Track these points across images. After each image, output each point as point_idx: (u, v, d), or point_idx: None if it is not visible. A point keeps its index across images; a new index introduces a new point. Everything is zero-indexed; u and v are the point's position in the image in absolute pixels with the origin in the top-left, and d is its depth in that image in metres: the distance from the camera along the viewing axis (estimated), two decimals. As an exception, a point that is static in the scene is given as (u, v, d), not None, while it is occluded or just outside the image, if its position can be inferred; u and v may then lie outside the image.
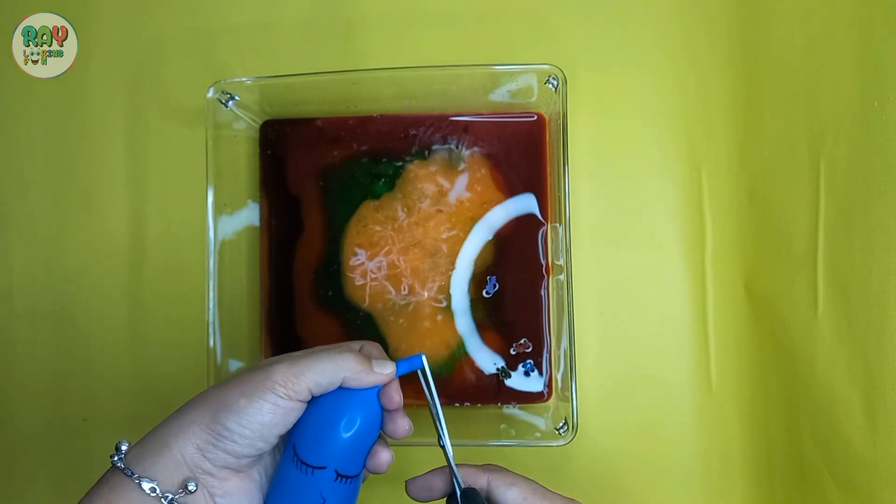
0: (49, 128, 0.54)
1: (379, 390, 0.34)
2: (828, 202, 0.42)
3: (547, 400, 0.49)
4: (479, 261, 0.50)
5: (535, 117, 0.50)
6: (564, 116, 0.45)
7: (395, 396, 0.34)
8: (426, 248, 0.50)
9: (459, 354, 0.49)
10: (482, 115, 0.50)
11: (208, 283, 0.47)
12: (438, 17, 0.53)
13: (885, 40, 0.37)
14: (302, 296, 0.51)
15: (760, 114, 0.49)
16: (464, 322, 0.49)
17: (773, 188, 0.48)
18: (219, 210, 0.48)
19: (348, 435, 0.33)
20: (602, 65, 0.52)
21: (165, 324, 0.53)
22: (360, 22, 0.53)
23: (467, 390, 0.49)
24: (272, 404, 0.32)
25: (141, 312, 0.53)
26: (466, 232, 0.50)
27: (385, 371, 0.34)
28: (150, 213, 0.54)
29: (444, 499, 0.36)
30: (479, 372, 0.49)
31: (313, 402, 0.34)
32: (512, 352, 0.49)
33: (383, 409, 0.35)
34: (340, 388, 0.34)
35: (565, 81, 0.45)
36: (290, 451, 0.34)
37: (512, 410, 0.50)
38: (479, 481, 0.35)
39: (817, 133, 0.43)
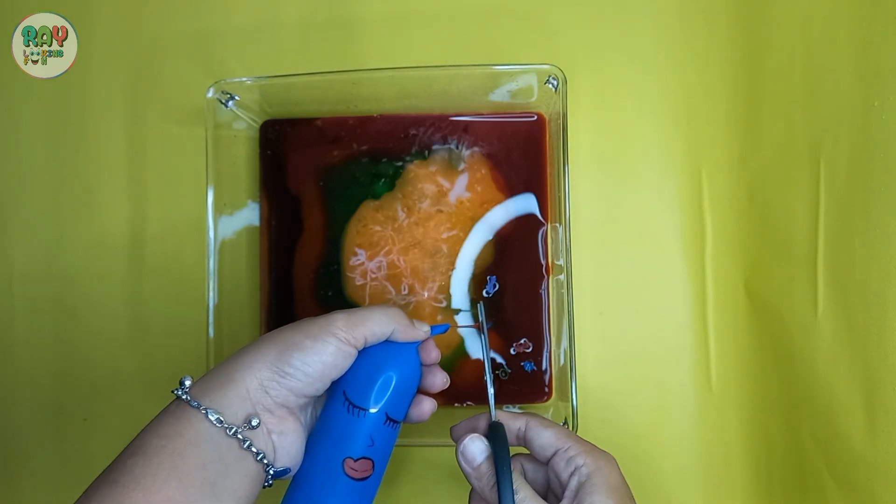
0: (49, 128, 0.54)
1: (418, 346, 0.38)
2: (828, 202, 0.42)
3: (547, 400, 0.49)
4: (479, 261, 0.50)
5: (535, 117, 0.50)
6: (564, 116, 0.45)
7: (433, 352, 0.39)
8: (426, 248, 0.50)
9: (460, 354, 0.49)
10: (482, 115, 0.50)
11: (208, 283, 0.47)
12: (438, 17, 0.53)
13: (885, 40, 0.37)
14: (302, 296, 0.51)
15: (760, 114, 0.49)
16: (464, 322, 0.50)
17: (773, 188, 0.48)
18: (219, 210, 0.48)
19: (397, 381, 0.37)
20: (602, 65, 0.52)
21: (165, 324, 0.53)
22: (359, 22, 0.53)
23: (468, 390, 0.49)
24: (335, 346, 0.34)
25: (141, 312, 0.53)
26: (466, 232, 0.50)
27: (424, 328, 0.39)
28: (150, 213, 0.54)
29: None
30: (479, 372, 0.49)
31: (363, 352, 0.37)
32: (512, 352, 0.49)
33: (422, 365, 0.39)
34: (386, 342, 0.37)
35: (565, 81, 0.45)
36: (341, 398, 0.36)
37: (512, 410, 0.50)
38: (517, 422, 0.38)
39: (817, 133, 0.43)
